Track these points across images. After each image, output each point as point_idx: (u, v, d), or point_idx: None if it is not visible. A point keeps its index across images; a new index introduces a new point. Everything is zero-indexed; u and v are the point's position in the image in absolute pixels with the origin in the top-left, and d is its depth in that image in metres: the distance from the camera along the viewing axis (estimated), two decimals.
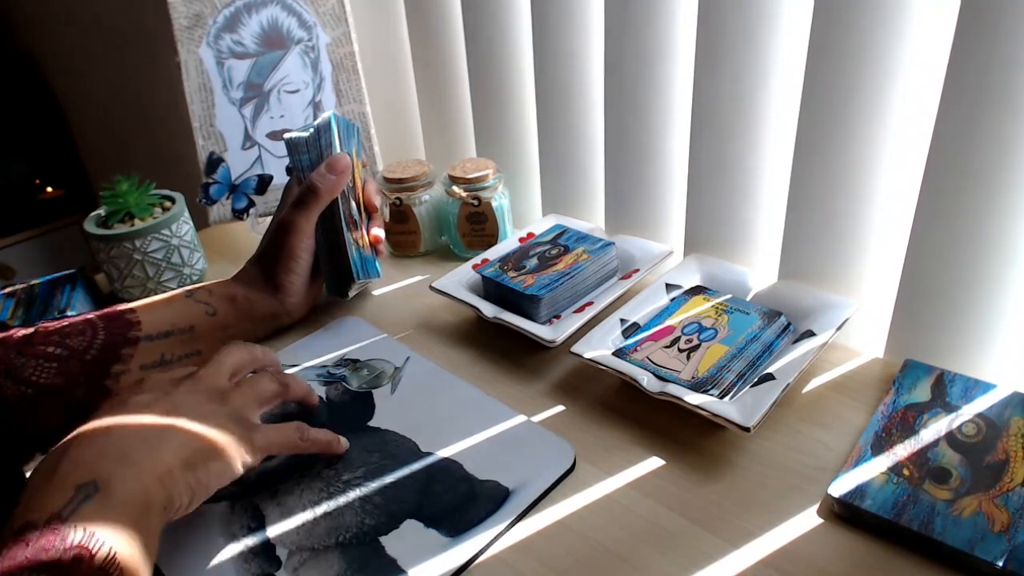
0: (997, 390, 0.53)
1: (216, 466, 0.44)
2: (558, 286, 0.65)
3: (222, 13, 0.82)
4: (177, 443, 0.43)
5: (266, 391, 0.51)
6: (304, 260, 0.67)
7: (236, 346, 0.54)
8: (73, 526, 0.36)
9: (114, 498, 0.39)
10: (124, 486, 0.40)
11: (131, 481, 0.40)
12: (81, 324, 0.58)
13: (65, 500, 0.37)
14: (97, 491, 0.38)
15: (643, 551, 0.45)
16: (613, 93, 0.70)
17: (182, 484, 0.42)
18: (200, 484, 0.43)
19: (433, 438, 0.54)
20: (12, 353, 0.55)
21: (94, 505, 0.38)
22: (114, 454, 0.41)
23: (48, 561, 0.34)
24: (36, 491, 0.39)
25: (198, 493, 0.44)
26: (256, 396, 0.50)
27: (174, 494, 0.42)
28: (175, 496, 0.42)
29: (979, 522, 0.43)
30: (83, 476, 0.39)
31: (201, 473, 0.43)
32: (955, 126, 0.49)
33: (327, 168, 0.66)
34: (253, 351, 0.55)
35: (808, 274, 0.63)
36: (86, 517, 0.37)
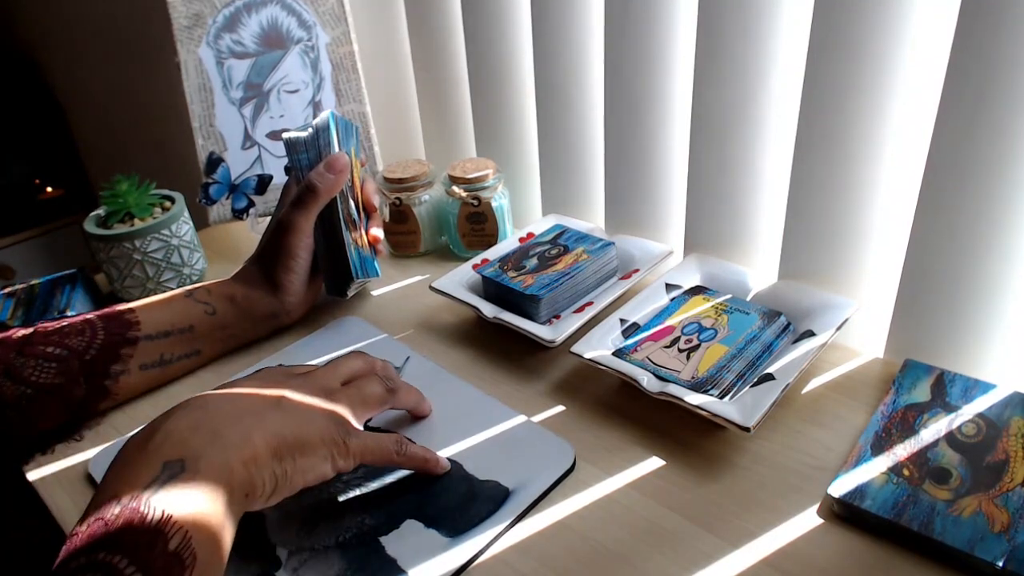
0: (997, 390, 0.53)
1: (304, 462, 0.43)
2: (558, 286, 0.65)
3: (222, 13, 0.82)
4: (270, 431, 0.42)
5: (372, 395, 0.51)
6: (303, 259, 0.67)
7: (356, 354, 0.54)
8: (153, 508, 0.36)
9: (199, 478, 0.38)
10: (210, 466, 0.39)
11: (217, 461, 0.40)
12: (80, 324, 0.58)
13: (152, 477, 0.37)
14: (183, 471, 0.38)
15: (643, 551, 0.45)
16: (613, 93, 0.70)
17: (267, 471, 0.42)
18: (285, 476, 0.43)
19: (433, 438, 0.54)
20: (12, 353, 0.55)
21: (179, 484, 0.37)
22: (206, 431, 0.41)
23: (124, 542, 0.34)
24: (127, 461, 0.39)
25: (281, 485, 0.43)
26: (362, 399, 0.50)
27: (257, 480, 0.41)
28: (258, 483, 0.41)
29: (979, 522, 0.43)
30: (172, 453, 0.39)
31: (288, 465, 0.43)
32: (955, 126, 0.49)
33: (326, 167, 0.66)
34: (372, 361, 0.54)
35: (808, 274, 0.63)
36: (169, 496, 0.37)
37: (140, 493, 0.37)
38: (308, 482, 0.44)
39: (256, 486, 0.41)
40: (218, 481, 0.39)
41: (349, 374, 0.52)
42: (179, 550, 0.35)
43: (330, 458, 0.45)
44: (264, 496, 0.42)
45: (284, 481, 0.43)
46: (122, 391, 0.60)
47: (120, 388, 0.60)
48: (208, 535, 0.37)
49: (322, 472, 0.45)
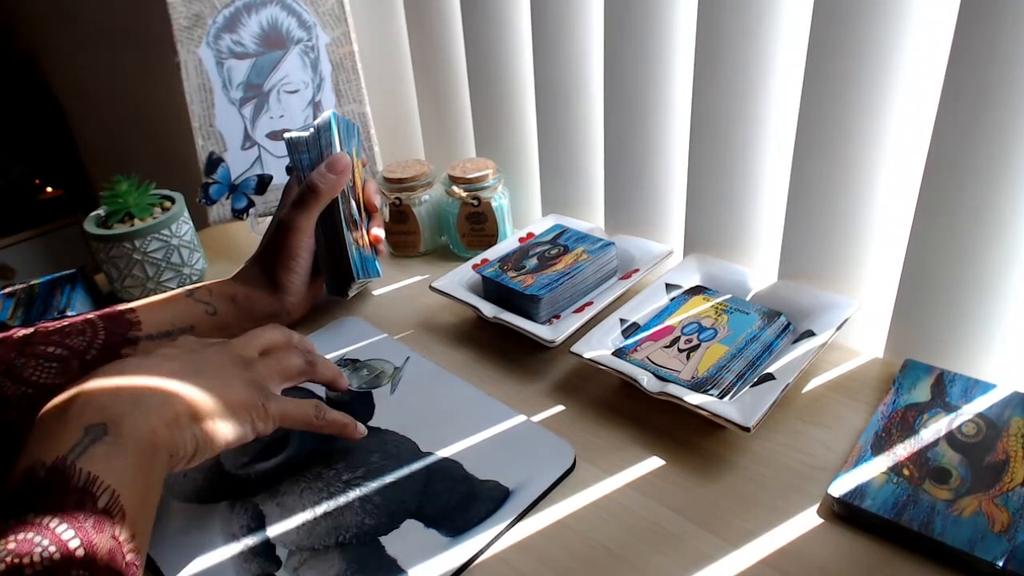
0: (997, 390, 0.53)
1: (224, 425, 0.45)
2: (558, 286, 0.65)
3: (222, 13, 0.82)
4: (189, 394, 0.43)
5: (291, 366, 0.51)
6: (304, 259, 0.67)
7: (272, 326, 0.54)
8: (78, 470, 0.37)
9: (122, 440, 0.39)
10: (134, 428, 0.40)
11: (141, 424, 0.40)
12: (81, 324, 0.58)
13: (74, 441, 0.38)
14: (106, 433, 0.39)
15: (643, 551, 0.45)
16: (613, 93, 0.70)
17: (188, 434, 0.43)
18: (207, 437, 0.44)
19: (433, 438, 0.54)
20: (12, 353, 0.55)
21: (103, 447, 0.38)
22: (127, 397, 0.41)
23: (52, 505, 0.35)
24: (47, 430, 0.39)
25: (203, 446, 0.44)
26: (281, 369, 0.51)
27: (179, 442, 0.42)
28: (180, 444, 0.42)
29: (979, 522, 0.43)
30: (93, 417, 0.39)
31: (208, 426, 0.44)
32: (955, 125, 0.49)
33: (327, 167, 0.66)
34: (289, 333, 0.55)
35: (808, 274, 0.63)
36: (94, 459, 0.37)
37: (64, 456, 0.37)
38: (229, 444, 0.45)
39: (178, 447, 0.42)
40: (141, 442, 0.40)
41: (266, 344, 0.52)
42: (108, 507, 0.36)
43: (250, 421, 0.46)
44: (186, 457, 0.43)
45: (205, 443, 0.44)
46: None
47: None
48: (135, 493, 0.38)
49: (242, 434, 0.46)
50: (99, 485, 0.36)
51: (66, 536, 0.34)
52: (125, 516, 0.37)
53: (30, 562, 0.33)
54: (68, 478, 0.36)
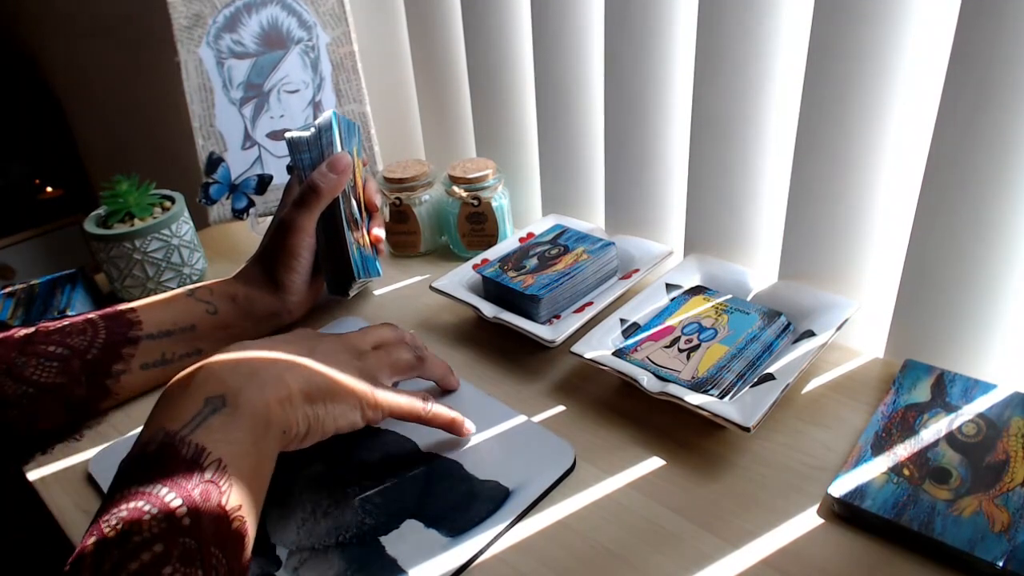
0: (997, 390, 0.53)
1: (336, 408, 0.46)
2: (558, 286, 0.65)
3: (222, 13, 0.82)
4: (303, 375, 0.45)
5: (401, 360, 0.53)
6: (305, 259, 0.67)
7: (386, 324, 0.57)
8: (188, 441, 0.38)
9: (238, 412, 0.41)
10: (249, 401, 0.42)
11: (256, 398, 0.42)
12: (82, 323, 0.58)
13: (195, 411, 0.40)
14: (224, 405, 0.41)
15: (643, 551, 0.45)
16: (613, 93, 0.70)
17: (300, 412, 0.44)
18: (317, 419, 0.45)
19: (433, 438, 0.54)
20: (13, 352, 0.55)
21: (220, 417, 0.40)
22: (245, 371, 0.43)
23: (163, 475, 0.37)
24: (171, 401, 0.41)
25: (314, 428, 0.45)
26: (391, 362, 0.53)
27: (292, 420, 0.44)
28: (292, 422, 0.44)
29: (979, 522, 0.43)
30: (214, 389, 0.41)
31: (320, 409, 0.45)
32: (955, 126, 0.49)
33: (328, 167, 0.66)
34: (401, 331, 0.57)
35: (808, 274, 0.63)
36: (211, 429, 0.39)
37: (183, 427, 0.39)
38: (340, 428, 0.47)
39: (291, 425, 0.44)
40: (256, 416, 0.41)
41: (379, 340, 0.54)
42: (215, 477, 0.37)
43: (359, 408, 0.48)
44: (299, 437, 0.45)
45: (317, 424, 0.45)
46: (123, 390, 0.60)
47: (121, 387, 0.60)
48: (247, 464, 0.40)
49: (352, 420, 0.47)
50: (206, 456, 0.38)
51: (174, 504, 0.35)
52: (233, 486, 0.38)
53: (139, 528, 0.34)
54: (178, 450, 0.38)
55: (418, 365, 0.55)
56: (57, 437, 0.59)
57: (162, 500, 0.35)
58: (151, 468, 0.37)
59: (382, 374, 0.51)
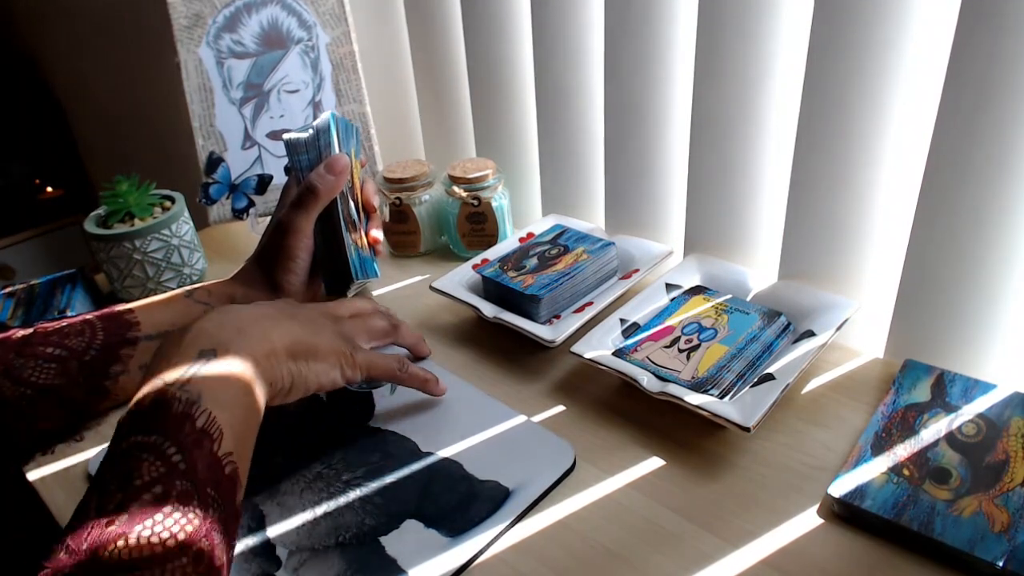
0: (997, 390, 0.53)
1: (317, 366, 0.49)
2: (558, 286, 0.65)
3: (222, 13, 0.82)
4: (286, 332, 0.48)
5: (376, 327, 0.59)
6: (303, 260, 0.66)
7: (364, 298, 0.61)
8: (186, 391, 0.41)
9: (227, 362, 0.43)
10: (237, 354, 0.44)
11: (244, 351, 0.45)
12: (80, 325, 0.58)
13: (189, 362, 0.42)
14: (215, 356, 0.43)
15: (643, 551, 0.45)
16: (613, 93, 0.70)
17: (284, 368, 0.47)
18: (300, 375, 0.48)
19: (433, 438, 0.54)
20: (11, 354, 0.55)
21: (211, 368, 0.42)
22: (232, 327, 0.46)
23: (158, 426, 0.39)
24: (166, 354, 0.44)
25: (297, 383, 0.48)
26: (367, 328, 0.58)
27: (276, 374, 0.46)
28: (277, 376, 0.47)
29: (979, 522, 0.43)
30: (206, 344, 0.44)
31: (303, 366, 0.48)
32: (955, 125, 0.49)
33: (326, 168, 0.66)
34: (375, 303, 0.61)
35: (808, 274, 0.63)
36: (205, 378, 0.42)
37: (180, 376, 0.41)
38: (322, 386, 0.50)
39: (276, 378, 0.47)
40: (244, 367, 0.44)
41: (355, 311, 0.58)
42: (206, 426, 0.40)
43: (339, 366, 0.51)
44: (283, 391, 0.48)
45: (300, 379, 0.48)
46: (122, 391, 0.60)
47: (120, 389, 0.60)
48: (237, 413, 0.42)
49: (333, 378, 0.50)
50: (197, 409, 0.40)
51: (170, 451, 0.38)
52: (223, 433, 0.40)
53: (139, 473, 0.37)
54: (171, 404, 0.40)
55: (392, 332, 0.60)
56: (57, 437, 0.59)
57: (158, 447, 0.38)
58: (147, 420, 0.40)
59: (360, 338, 0.56)
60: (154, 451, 0.38)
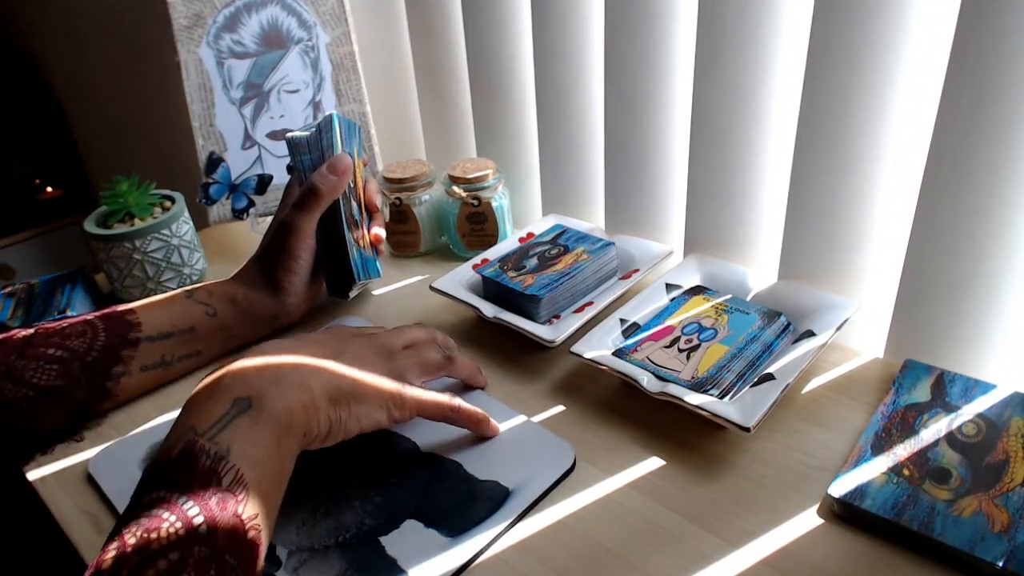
0: (997, 390, 0.53)
1: (360, 408, 0.47)
2: (558, 286, 0.65)
3: (222, 13, 0.82)
4: (327, 378, 0.46)
5: (431, 360, 0.55)
6: (304, 260, 0.67)
7: (418, 325, 0.58)
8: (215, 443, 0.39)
9: (263, 415, 0.42)
10: (273, 405, 0.43)
11: (279, 401, 0.43)
12: (81, 325, 0.58)
13: (223, 412, 0.41)
14: (250, 407, 0.42)
15: (643, 551, 0.45)
16: (613, 93, 0.70)
17: (323, 415, 0.45)
18: (339, 421, 0.46)
19: (433, 438, 0.54)
20: (12, 355, 0.55)
21: (247, 419, 0.41)
22: (271, 375, 0.44)
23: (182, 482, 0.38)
24: (200, 400, 0.43)
25: (336, 429, 0.46)
26: (420, 362, 0.54)
27: (313, 424, 0.45)
28: (314, 424, 0.45)
29: (979, 522, 0.43)
30: (241, 391, 0.43)
31: (343, 411, 0.46)
32: (955, 125, 0.49)
33: (329, 169, 0.66)
34: (432, 332, 0.58)
35: (808, 274, 0.63)
36: (238, 430, 0.40)
37: (211, 427, 0.40)
38: (364, 428, 0.48)
39: (312, 427, 0.45)
40: (279, 420, 0.43)
41: (410, 340, 0.55)
42: (232, 486, 0.38)
43: (385, 407, 0.48)
44: (320, 438, 0.46)
45: (339, 425, 0.46)
46: (123, 392, 0.60)
47: (121, 389, 0.60)
48: (268, 469, 0.41)
49: (377, 419, 0.48)
50: (225, 466, 0.39)
51: (191, 513, 0.36)
52: (249, 494, 0.39)
53: (157, 536, 0.35)
54: (198, 457, 0.39)
55: (446, 365, 0.56)
56: (58, 438, 0.59)
57: (180, 508, 0.37)
58: (172, 474, 0.39)
59: (411, 373, 0.52)
60: (176, 511, 0.36)
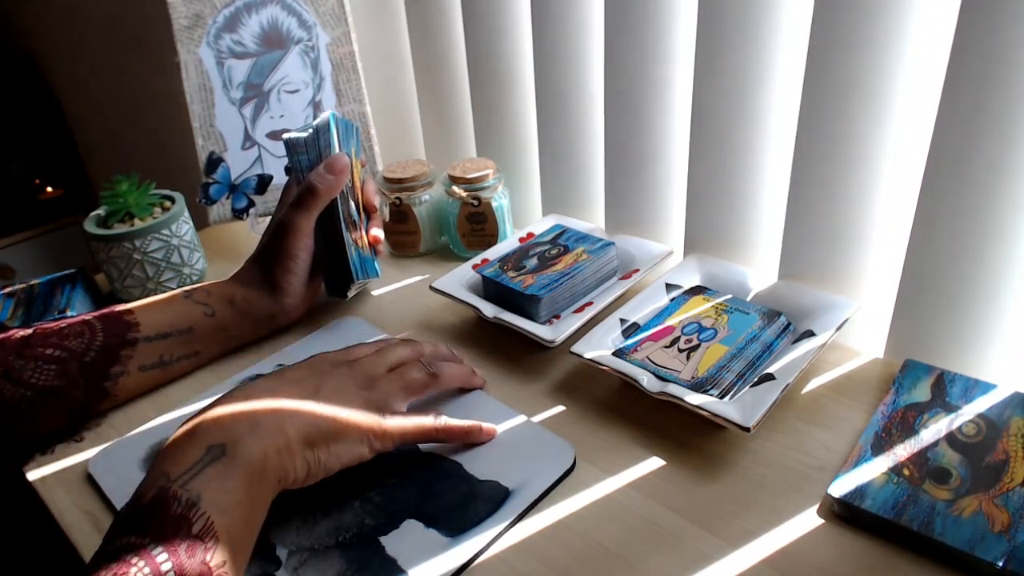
0: (997, 390, 0.53)
1: (339, 447, 0.46)
2: (558, 286, 0.65)
3: (222, 13, 0.82)
4: (304, 420, 0.45)
5: (414, 381, 0.53)
6: (303, 260, 0.67)
7: (405, 342, 0.57)
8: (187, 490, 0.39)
9: (236, 462, 0.42)
10: (247, 452, 0.42)
11: (254, 448, 0.43)
12: (79, 326, 0.58)
13: (196, 458, 0.41)
14: (224, 454, 0.42)
15: (643, 551, 0.45)
16: (613, 93, 0.70)
17: (299, 459, 0.45)
18: (318, 462, 0.45)
19: None
20: (11, 355, 0.55)
21: (219, 466, 0.41)
22: (246, 420, 0.44)
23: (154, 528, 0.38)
24: (177, 445, 0.43)
25: (315, 469, 0.46)
26: (404, 385, 0.52)
27: (289, 468, 0.44)
28: (290, 470, 0.44)
29: (979, 522, 0.43)
30: (216, 438, 0.42)
31: (321, 452, 0.46)
32: (956, 125, 0.49)
33: (326, 168, 0.66)
34: (419, 349, 0.57)
35: (808, 274, 0.63)
36: (209, 477, 0.40)
37: (184, 473, 0.40)
38: (345, 464, 0.47)
39: (288, 473, 0.44)
40: (253, 465, 0.42)
41: (396, 362, 0.54)
42: (202, 533, 0.38)
43: (366, 442, 0.48)
44: (297, 480, 0.45)
45: (317, 466, 0.46)
46: (122, 392, 0.60)
47: (120, 389, 0.60)
48: (239, 515, 0.40)
49: (358, 454, 0.47)
50: (195, 511, 0.39)
51: (160, 559, 0.37)
52: (219, 541, 0.39)
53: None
54: (170, 504, 0.39)
55: (432, 383, 0.54)
56: (57, 438, 0.59)
57: (150, 555, 0.37)
58: (144, 519, 0.39)
59: (395, 399, 0.51)
60: (145, 557, 0.36)
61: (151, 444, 0.56)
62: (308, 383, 0.48)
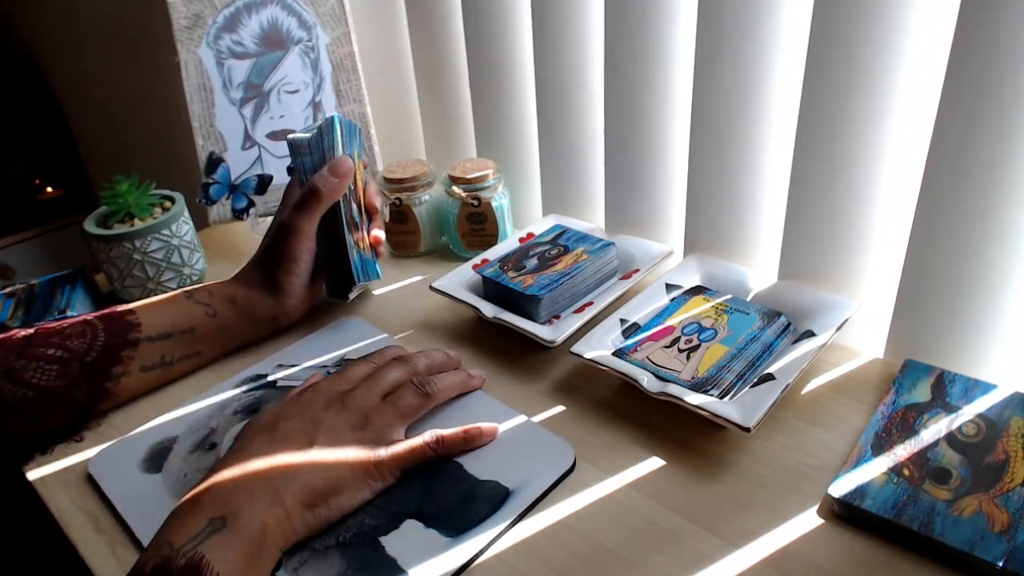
0: (997, 390, 0.53)
1: (339, 499, 0.47)
2: (558, 286, 0.65)
3: (222, 13, 0.82)
4: (301, 482, 0.46)
5: (408, 406, 0.53)
6: (304, 262, 0.67)
7: (395, 363, 0.56)
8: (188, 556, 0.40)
9: (236, 534, 0.42)
10: (247, 524, 0.43)
11: (254, 519, 0.43)
12: (81, 326, 0.58)
13: (198, 529, 0.42)
14: (224, 526, 0.42)
15: (643, 551, 0.45)
16: (613, 93, 0.70)
17: (299, 523, 0.45)
18: (319, 519, 0.46)
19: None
20: (12, 355, 0.55)
21: (219, 538, 0.42)
22: (244, 492, 0.44)
23: None
24: (181, 515, 0.43)
25: (316, 524, 0.46)
26: (399, 413, 0.52)
27: (289, 534, 0.45)
28: (290, 536, 0.45)
29: (979, 522, 0.43)
30: (217, 510, 0.43)
31: (321, 510, 0.46)
32: (955, 125, 0.49)
33: (330, 171, 0.66)
34: (413, 367, 0.57)
35: (808, 274, 0.63)
36: (211, 548, 0.41)
37: (187, 542, 0.41)
38: (347, 511, 0.48)
39: (288, 539, 0.45)
40: (253, 536, 0.43)
41: (389, 386, 0.54)
42: None
43: (367, 483, 0.48)
44: (300, 539, 0.46)
45: (319, 522, 0.46)
46: (123, 392, 0.60)
47: (121, 389, 0.60)
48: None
49: (361, 498, 0.48)
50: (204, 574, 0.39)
51: None
52: None
53: None
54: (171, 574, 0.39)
55: (427, 403, 0.54)
56: (58, 438, 0.59)
57: None
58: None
59: (391, 430, 0.51)
60: None
61: (151, 444, 0.56)
62: (302, 437, 0.48)
